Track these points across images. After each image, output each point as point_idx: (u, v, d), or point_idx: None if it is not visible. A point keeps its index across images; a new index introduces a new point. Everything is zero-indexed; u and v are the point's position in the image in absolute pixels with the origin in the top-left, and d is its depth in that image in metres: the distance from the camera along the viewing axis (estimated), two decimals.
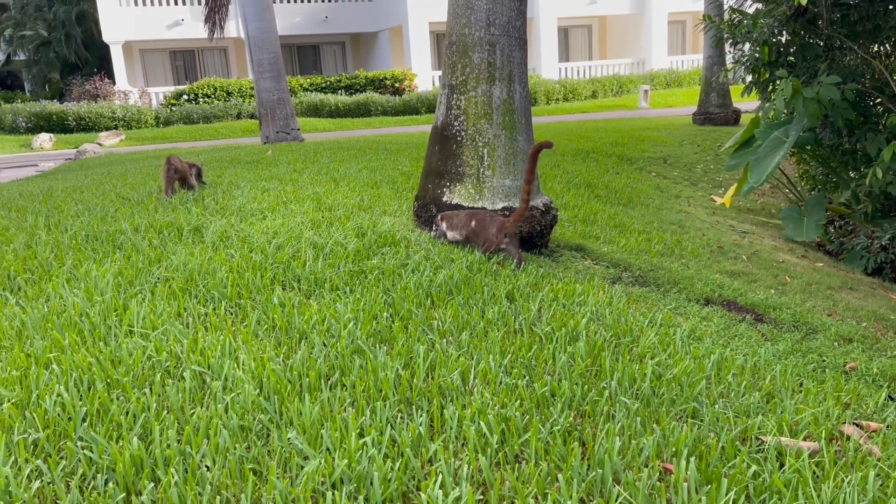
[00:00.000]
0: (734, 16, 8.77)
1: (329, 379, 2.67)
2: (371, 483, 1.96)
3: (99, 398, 2.37)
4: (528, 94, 5.24)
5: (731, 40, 8.93)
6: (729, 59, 9.68)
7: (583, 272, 4.67)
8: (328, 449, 2.15)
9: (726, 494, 1.97)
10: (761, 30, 8.06)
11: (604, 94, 30.78)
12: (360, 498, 1.93)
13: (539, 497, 1.98)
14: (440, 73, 30.07)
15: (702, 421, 2.50)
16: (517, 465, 2.15)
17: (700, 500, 1.98)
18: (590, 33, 35.97)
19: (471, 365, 2.83)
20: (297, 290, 3.72)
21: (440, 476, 1.99)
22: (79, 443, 2.14)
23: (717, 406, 2.62)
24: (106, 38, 28.90)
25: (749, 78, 9.02)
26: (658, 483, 2.06)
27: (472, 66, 5.04)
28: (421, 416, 2.36)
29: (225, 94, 27.65)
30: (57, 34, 30.74)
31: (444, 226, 4.95)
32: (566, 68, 31.99)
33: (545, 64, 31.03)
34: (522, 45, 5.16)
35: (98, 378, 2.55)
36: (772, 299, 4.91)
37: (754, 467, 2.13)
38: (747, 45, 8.71)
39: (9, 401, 2.40)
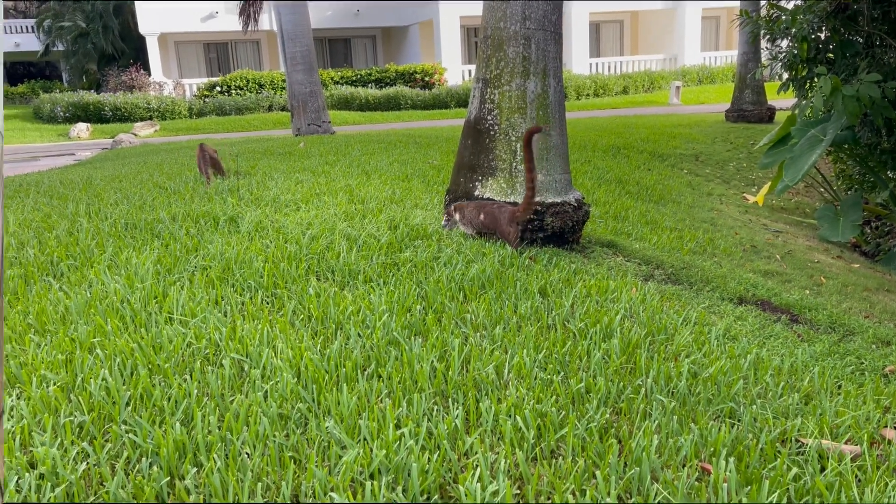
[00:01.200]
0: (772, 11, 8.66)
1: (365, 370, 2.68)
2: (409, 474, 1.96)
3: (142, 383, 2.40)
4: (562, 88, 5.20)
5: (768, 36, 8.82)
6: (765, 55, 9.54)
7: (615, 269, 4.64)
8: (366, 439, 2.16)
9: (767, 496, 1.95)
10: (800, 26, 7.95)
11: (635, 90, 30.55)
12: (399, 489, 1.93)
13: (577, 493, 1.97)
14: (470, 67, 30.13)
15: (739, 421, 2.47)
16: (554, 460, 2.14)
17: (740, 500, 1.96)
18: (622, 28, 35.71)
19: (505, 359, 2.83)
20: (331, 281, 3.74)
21: (477, 469, 1.99)
22: (123, 426, 2.17)
23: (754, 407, 2.59)
24: (142, 29, 29.20)
25: (786, 75, 8.90)
26: (697, 483, 2.04)
27: (507, 59, 5.02)
28: (457, 408, 2.36)
29: (257, 87, 27.82)
30: (94, 25, 31.09)
31: (457, 217, 4.96)
32: (597, 64, 31.78)
33: (576, 59, 30.85)
34: (558, 39, 5.13)
35: (140, 363, 2.58)
36: (807, 300, 4.85)
37: (795, 469, 2.10)
38: (785, 42, 8.60)
39: (55, 384, 2.43)
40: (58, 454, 1.97)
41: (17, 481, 1.89)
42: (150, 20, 29.07)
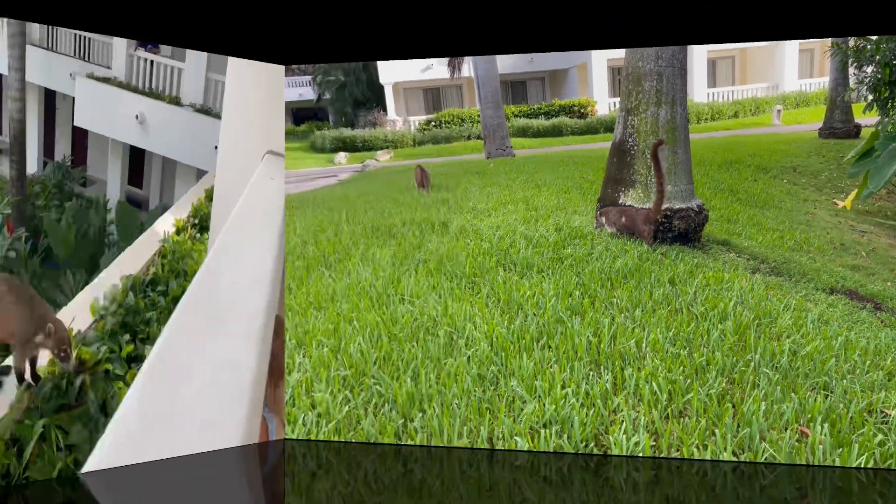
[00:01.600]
0: (859, 42, 7.68)
1: (539, 341, 2.67)
2: (572, 425, 1.95)
3: (384, 347, 2.51)
4: (686, 114, 4.95)
5: (855, 63, 7.82)
6: (852, 80, 8.47)
7: (728, 263, 4.32)
8: (540, 396, 2.16)
9: (857, 459, 1.77)
10: (884, 53, 6.97)
11: (743, 114, 28.00)
12: (564, 436, 1.92)
13: (700, 447, 1.88)
14: (614, 99, 29.00)
15: (832, 393, 2.25)
16: (681, 419, 2.05)
17: (834, 461, 1.79)
18: (733, 63, 32.95)
19: (643, 336, 2.72)
20: (513, 272, 3.74)
21: (623, 424, 1.94)
22: (372, 380, 2.29)
23: (845, 381, 2.35)
24: (382, 80, 30.25)
25: (870, 96, 7.86)
26: (797, 444, 1.88)
27: (644, 92, 4.82)
28: (607, 374, 2.31)
29: (460, 121, 28.17)
30: (350, 79, 32.59)
31: (602, 220, 4.80)
32: (713, 93, 29.53)
33: (696, 90, 28.84)
34: (683, 74, 4.87)
35: (383, 332, 2.71)
36: (889, 290, 4.27)
37: (880, 436, 1.89)
38: (870, 68, 7.60)
39: (327, 347, 2.60)
40: (329, 399, 2.11)
41: (302, 419, 2.05)
42: (387, 73, 29.91)
